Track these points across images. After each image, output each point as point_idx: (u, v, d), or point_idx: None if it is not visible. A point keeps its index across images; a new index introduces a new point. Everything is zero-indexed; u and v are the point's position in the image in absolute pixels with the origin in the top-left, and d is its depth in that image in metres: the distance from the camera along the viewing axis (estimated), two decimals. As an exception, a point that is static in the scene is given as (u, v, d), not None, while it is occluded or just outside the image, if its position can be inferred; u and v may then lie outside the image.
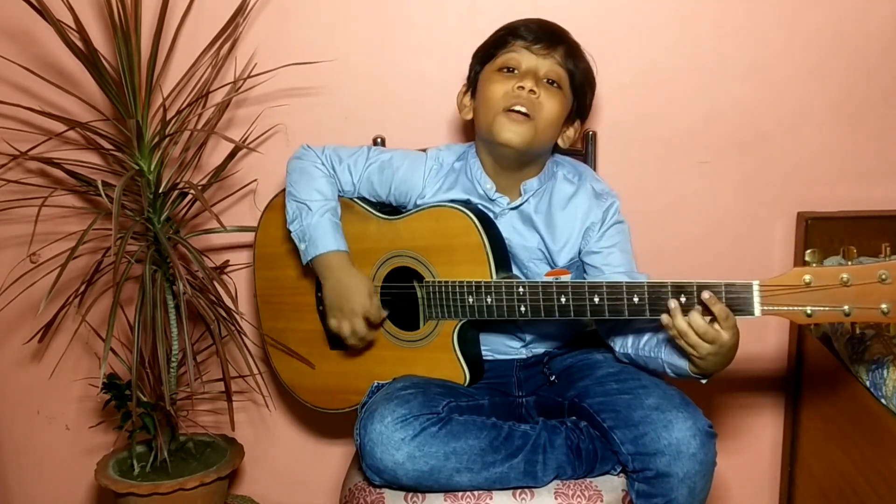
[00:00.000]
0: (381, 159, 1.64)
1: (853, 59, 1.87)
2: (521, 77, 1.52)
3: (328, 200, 1.60)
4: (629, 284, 1.39)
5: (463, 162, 1.63)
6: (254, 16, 1.86)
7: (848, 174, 1.92)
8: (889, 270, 1.23)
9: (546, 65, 1.53)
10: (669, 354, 1.44)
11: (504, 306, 1.48)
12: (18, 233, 1.94)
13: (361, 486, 1.49)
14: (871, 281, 1.24)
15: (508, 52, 1.54)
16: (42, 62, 1.88)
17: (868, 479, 1.59)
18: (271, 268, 1.74)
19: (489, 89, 1.54)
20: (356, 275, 1.56)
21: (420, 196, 1.61)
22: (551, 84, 1.53)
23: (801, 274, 1.28)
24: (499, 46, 1.56)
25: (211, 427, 1.98)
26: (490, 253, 1.50)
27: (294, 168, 1.64)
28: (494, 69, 1.55)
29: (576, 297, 1.42)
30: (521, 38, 1.54)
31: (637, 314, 1.39)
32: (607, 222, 1.58)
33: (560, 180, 1.61)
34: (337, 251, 1.57)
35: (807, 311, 1.28)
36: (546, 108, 1.52)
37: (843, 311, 1.26)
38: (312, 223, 1.57)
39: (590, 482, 1.46)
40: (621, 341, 1.54)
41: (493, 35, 1.59)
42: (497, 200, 1.59)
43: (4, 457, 2.12)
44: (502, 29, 1.58)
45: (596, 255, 1.57)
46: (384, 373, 1.59)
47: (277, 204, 1.70)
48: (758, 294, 1.31)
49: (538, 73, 1.52)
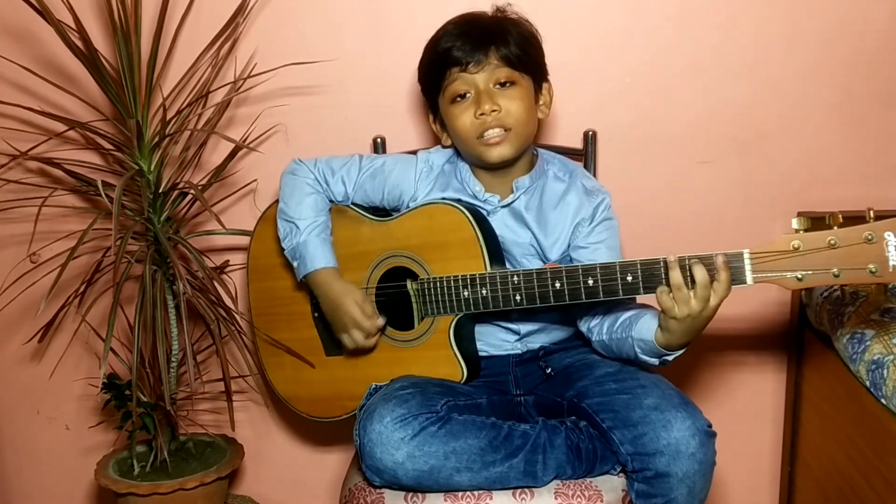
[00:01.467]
0: (374, 166, 1.66)
1: (853, 59, 1.87)
2: (476, 102, 1.53)
3: (317, 216, 1.62)
4: (622, 264, 1.40)
5: (453, 165, 1.65)
6: (254, 16, 1.86)
7: (848, 174, 1.92)
8: (875, 231, 1.25)
9: (490, 74, 1.53)
10: (639, 330, 1.44)
11: (499, 297, 1.49)
12: (18, 232, 1.94)
13: (361, 487, 1.49)
14: (857, 242, 1.26)
15: (451, 83, 1.55)
16: (42, 62, 1.88)
17: (868, 479, 1.59)
18: (264, 279, 1.74)
19: (455, 125, 1.56)
20: (343, 289, 1.58)
21: (413, 199, 1.63)
22: (504, 86, 1.54)
23: (790, 240, 1.29)
24: (437, 77, 1.57)
25: (211, 427, 1.98)
26: (484, 245, 1.51)
27: (286, 183, 1.66)
28: (448, 101, 1.56)
29: (570, 281, 1.43)
30: (453, 63, 1.54)
31: (632, 292, 1.40)
32: (597, 218, 1.59)
33: (551, 178, 1.62)
34: (325, 268, 1.59)
35: (797, 275, 1.29)
36: (514, 111, 1.53)
37: (833, 273, 1.28)
38: (301, 241, 1.60)
39: (590, 482, 1.46)
40: (597, 329, 1.54)
41: (426, 60, 1.60)
42: (488, 200, 1.60)
43: (4, 457, 2.12)
44: (432, 52, 1.58)
45: (583, 251, 1.58)
46: (381, 375, 1.59)
47: (270, 216, 1.71)
48: (749, 261, 1.32)
49: (489, 87, 1.53)
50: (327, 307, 1.60)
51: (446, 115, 1.58)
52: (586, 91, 1.88)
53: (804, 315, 1.91)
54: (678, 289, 1.35)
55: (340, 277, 1.60)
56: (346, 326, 1.58)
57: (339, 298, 1.58)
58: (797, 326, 1.93)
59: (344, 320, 1.57)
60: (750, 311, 1.96)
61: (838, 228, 1.28)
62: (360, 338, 1.57)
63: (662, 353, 1.43)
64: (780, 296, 1.92)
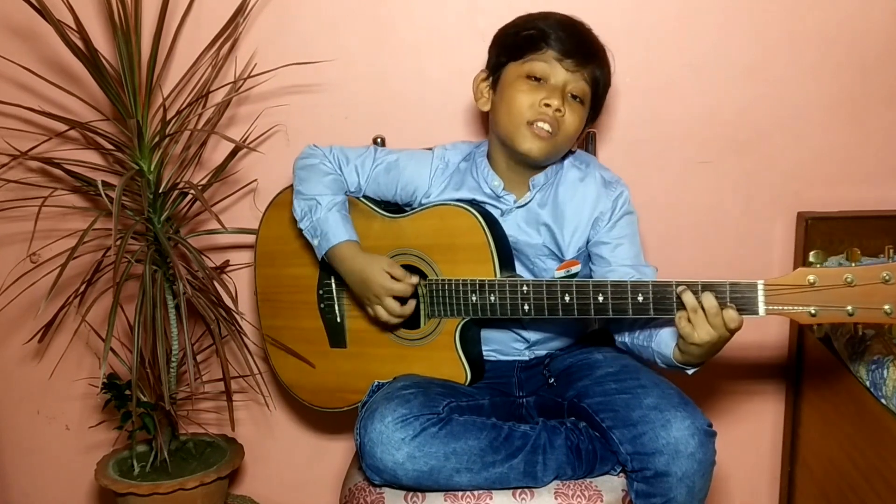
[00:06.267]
0: (388, 160, 1.65)
1: (854, 59, 1.87)
2: (548, 92, 1.50)
3: (336, 195, 1.60)
4: (634, 283, 1.39)
5: (469, 162, 1.63)
6: (254, 16, 1.86)
7: (848, 174, 1.92)
8: (892, 272, 1.24)
9: (574, 81, 1.51)
10: (658, 343, 1.45)
11: (507, 305, 1.48)
12: (19, 232, 1.94)
13: (361, 486, 1.49)
14: (874, 282, 1.24)
15: (538, 60, 1.51)
16: (42, 62, 1.88)
17: (868, 479, 1.59)
18: (272, 265, 1.74)
19: (514, 97, 1.51)
20: (367, 258, 1.55)
21: (426, 195, 1.61)
22: (575, 99, 1.52)
23: (806, 274, 1.28)
24: (528, 47, 1.52)
25: (211, 427, 1.98)
26: (494, 251, 1.50)
27: (301, 166, 1.64)
28: (521, 74, 1.52)
29: (580, 295, 1.42)
30: (553, 48, 1.50)
31: (641, 313, 1.39)
32: (617, 212, 1.58)
33: (567, 167, 1.61)
34: (348, 241, 1.57)
35: (811, 310, 1.28)
36: (568, 124, 1.51)
37: (847, 312, 1.26)
38: (322, 217, 1.58)
39: (590, 482, 1.46)
40: (618, 330, 1.56)
41: (523, 28, 1.54)
42: (504, 198, 1.58)
43: (4, 457, 2.12)
44: (533, 26, 1.53)
45: (605, 247, 1.57)
46: (384, 371, 1.59)
47: (281, 201, 1.70)
48: (762, 293, 1.31)
49: (565, 89, 1.51)
50: (354, 281, 1.57)
51: (510, 85, 1.53)
52: (586, 91, 1.88)
53: (804, 315, 1.91)
54: (694, 311, 1.34)
55: (362, 250, 1.58)
56: (377, 297, 1.54)
57: (366, 268, 1.54)
58: (798, 326, 1.93)
59: (374, 291, 1.53)
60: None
61: (856, 266, 1.27)
62: (393, 305, 1.53)
63: (682, 368, 1.44)
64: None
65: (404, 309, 1.54)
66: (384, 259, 1.55)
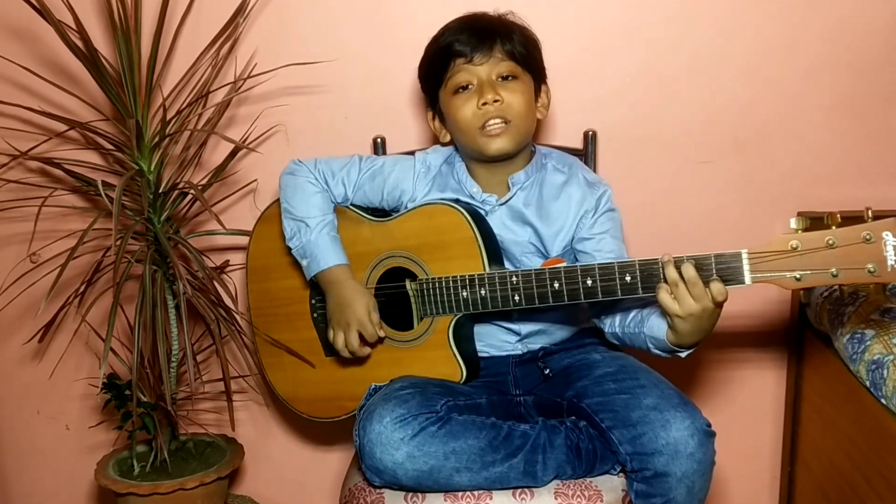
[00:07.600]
0: (373, 167, 1.66)
1: (853, 59, 1.87)
2: (478, 92, 1.54)
3: (325, 215, 1.62)
4: (621, 264, 1.40)
5: (450, 165, 1.65)
6: (254, 16, 1.86)
7: (848, 174, 1.92)
8: (873, 231, 1.25)
9: (493, 67, 1.55)
10: (650, 328, 1.45)
11: (498, 297, 1.49)
12: (19, 232, 1.94)
13: (361, 487, 1.49)
14: (856, 242, 1.26)
15: (455, 74, 1.56)
16: (42, 62, 1.88)
17: (868, 479, 1.59)
18: (263, 280, 1.74)
19: (456, 115, 1.56)
20: (358, 289, 1.58)
21: (412, 199, 1.63)
22: (506, 79, 1.55)
23: (788, 239, 1.29)
24: (440, 69, 1.58)
25: (211, 427, 1.98)
26: (482, 245, 1.51)
27: (287, 184, 1.66)
28: (450, 92, 1.57)
29: (569, 281, 1.43)
30: (458, 55, 1.55)
31: (630, 293, 1.40)
32: (600, 209, 1.60)
33: (550, 171, 1.63)
34: (338, 265, 1.59)
35: (796, 275, 1.29)
36: (515, 104, 1.54)
37: (831, 273, 1.28)
38: (312, 240, 1.60)
39: (590, 482, 1.46)
40: (609, 321, 1.55)
41: (430, 54, 1.61)
42: (486, 200, 1.61)
43: (4, 457, 2.12)
44: (435, 48, 1.59)
45: (588, 241, 1.59)
46: (380, 375, 1.59)
47: (269, 216, 1.71)
48: (747, 262, 1.32)
49: (491, 79, 1.54)
50: (334, 303, 1.59)
51: (448, 108, 1.58)
52: (586, 91, 1.88)
53: (804, 315, 1.91)
54: (675, 285, 1.35)
55: (353, 276, 1.60)
56: (346, 324, 1.57)
57: (352, 297, 1.57)
58: (797, 326, 1.93)
59: (347, 318, 1.57)
60: (750, 311, 1.97)
61: (836, 228, 1.28)
62: (353, 339, 1.56)
63: (674, 350, 1.44)
64: (781, 295, 1.92)
65: (363, 349, 1.58)
66: (371, 298, 1.58)
